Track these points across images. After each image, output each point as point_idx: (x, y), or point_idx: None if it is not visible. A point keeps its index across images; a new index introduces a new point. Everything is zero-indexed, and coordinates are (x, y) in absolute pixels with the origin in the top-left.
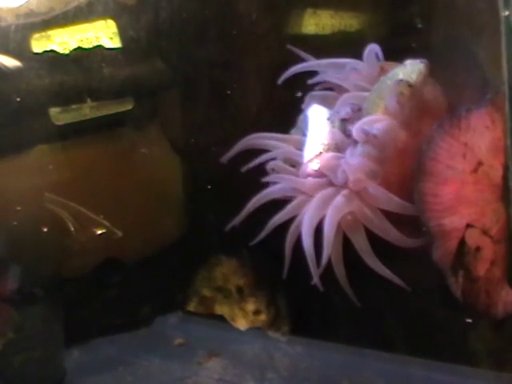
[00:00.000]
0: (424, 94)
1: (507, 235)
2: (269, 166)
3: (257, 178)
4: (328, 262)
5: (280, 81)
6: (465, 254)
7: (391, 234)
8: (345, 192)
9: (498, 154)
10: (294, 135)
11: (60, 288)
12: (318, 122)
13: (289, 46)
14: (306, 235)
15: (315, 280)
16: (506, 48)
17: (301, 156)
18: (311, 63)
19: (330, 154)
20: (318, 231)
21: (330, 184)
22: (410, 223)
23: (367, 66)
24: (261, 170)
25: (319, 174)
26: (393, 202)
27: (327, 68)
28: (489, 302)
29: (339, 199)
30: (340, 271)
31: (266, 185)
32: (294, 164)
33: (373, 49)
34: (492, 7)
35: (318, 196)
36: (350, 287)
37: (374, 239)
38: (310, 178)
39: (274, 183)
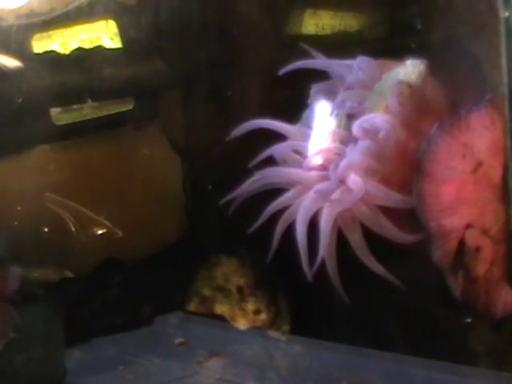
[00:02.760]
0: (424, 94)
1: (507, 235)
2: (272, 150)
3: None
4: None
5: (282, 72)
6: (464, 254)
7: (390, 230)
8: (343, 188)
9: (497, 154)
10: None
11: (60, 288)
12: (322, 117)
13: (301, 44)
14: (300, 223)
15: (305, 270)
16: (505, 48)
17: (305, 149)
18: (315, 61)
19: (331, 148)
20: (314, 226)
21: (330, 177)
22: (408, 220)
23: (368, 66)
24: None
25: (322, 167)
26: (391, 197)
27: (331, 67)
28: (488, 301)
29: (337, 195)
30: (332, 267)
31: None
32: (299, 155)
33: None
34: (491, 8)
35: (317, 187)
36: (351, 286)
37: (374, 239)
38: (312, 172)
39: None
